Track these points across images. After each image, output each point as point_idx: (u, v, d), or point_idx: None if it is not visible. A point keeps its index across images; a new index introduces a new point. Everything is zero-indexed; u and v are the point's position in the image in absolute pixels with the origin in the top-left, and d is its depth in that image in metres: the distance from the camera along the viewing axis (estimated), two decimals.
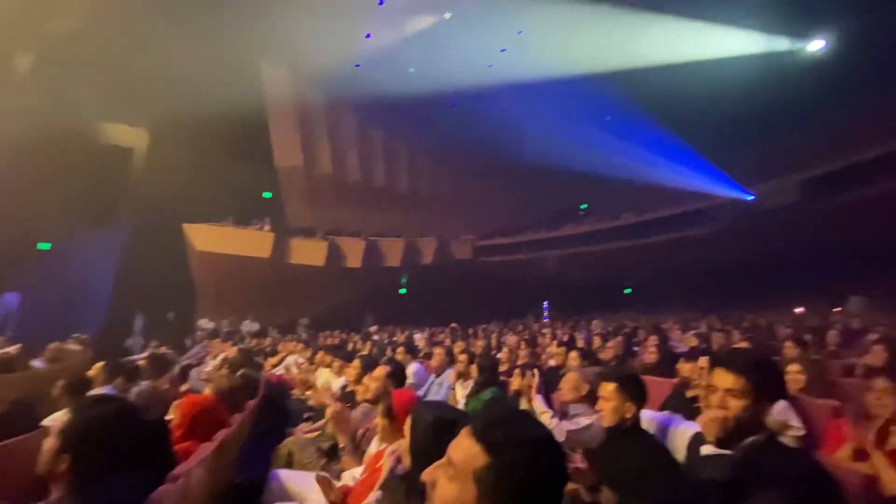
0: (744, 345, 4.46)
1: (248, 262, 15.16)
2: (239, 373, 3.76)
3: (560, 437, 2.09)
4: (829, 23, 13.30)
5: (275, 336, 13.46)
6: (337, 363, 4.81)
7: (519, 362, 4.92)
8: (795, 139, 13.64)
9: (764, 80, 13.95)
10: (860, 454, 1.83)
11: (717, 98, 14.20)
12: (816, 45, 14.00)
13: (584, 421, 2.17)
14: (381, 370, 2.36)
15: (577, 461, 1.63)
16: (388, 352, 5.86)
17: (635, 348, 5.80)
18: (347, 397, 3.60)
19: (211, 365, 7.11)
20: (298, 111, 17.93)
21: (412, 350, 4.74)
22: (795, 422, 2.45)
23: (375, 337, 10.50)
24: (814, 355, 3.86)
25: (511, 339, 7.40)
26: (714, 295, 14.31)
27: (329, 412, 2.45)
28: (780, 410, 2.37)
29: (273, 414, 4.11)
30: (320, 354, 5.62)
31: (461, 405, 3.53)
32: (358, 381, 3.37)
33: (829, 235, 12.07)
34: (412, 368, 4.51)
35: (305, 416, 4.12)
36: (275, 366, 7.47)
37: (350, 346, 8.80)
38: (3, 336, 8.14)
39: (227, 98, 13.66)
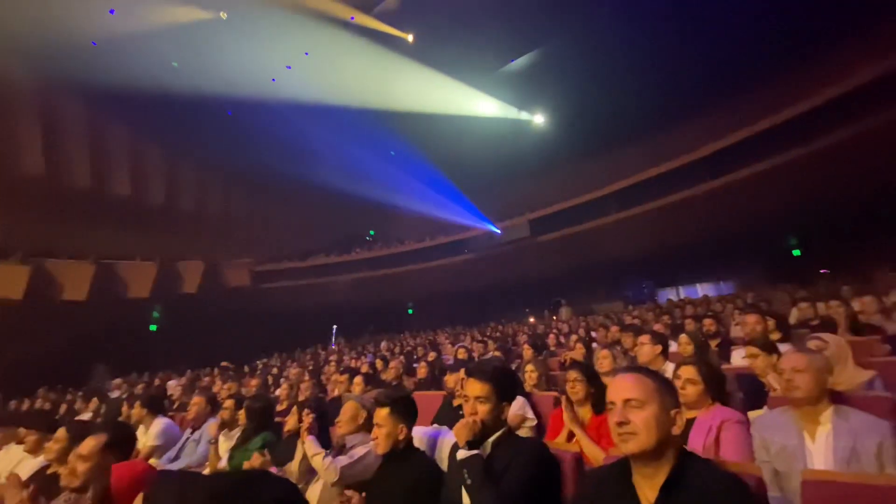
0: (496, 354, 5.28)
1: None
2: None
3: (334, 475, 1.97)
4: (546, 103, 17.87)
5: None
6: (32, 437, 3.44)
7: (301, 397, 4.57)
8: (529, 186, 17.58)
9: (508, 138, 17.76)
10: (573, 435, 2.33)
11: (476, 148, 17.40)
12: (539, 119, 18.56)
13: (359, 452, 2.12)
14: (91, 441, 1.72)
15: (349, 497, 1.55)
16: (125, 409, 4.59)
17: (415, 366, 6.17)
18: (47, 483, 2.59)
19: None
20: None
21: (156, 404, 3.81)
22: (530, 414, 2.99)
23: (116, 392, 8.12)
24: (540, 356, 4.86)
25: (293, 371, 6.85)
26: (475, 310, 16.86)
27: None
28: (519, 406, 2.85)
29: None
30: (21, 430, 3.92)
31: (224, 462, 3.00)
32: (63, 459, 2.46)
33: (551, 261, 15.79)
34: (158, 426, 3.61)
35: None
36: None
37: (62, 410, 6.54)
38: None
39: None
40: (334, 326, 15.84)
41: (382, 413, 1.92)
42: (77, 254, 13.78)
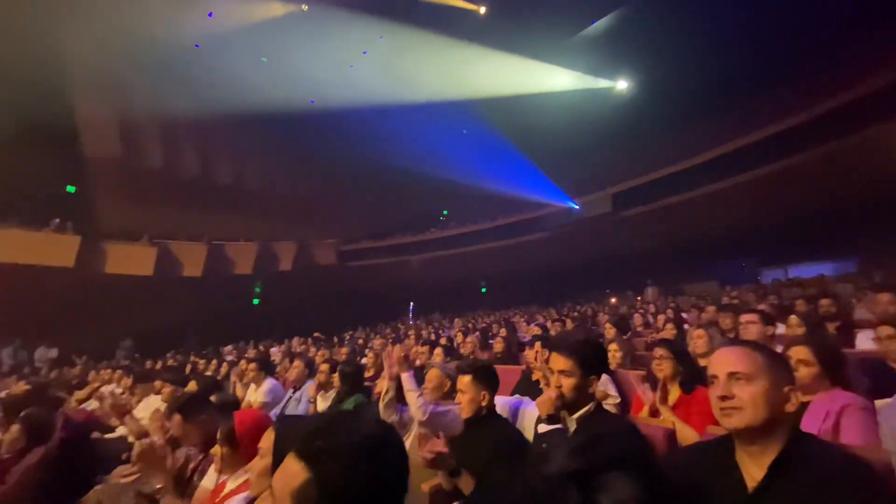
0: (575, 331, 5.16)
1: (41, 273, 11.99)
2: (21, 414, 2.91)
3: (422, 415, 2.09)
4: (630, 67, 16.52)
5: (85, 363, 10.88)
6: (168, 389, 4.09)
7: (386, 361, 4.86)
8: (611, 158, 16.57)
9: (585, 108, 16.74)
10: (656, 413, 2.24)
11: (551, 122, 16.62)
12: (622, 85, 17.24)
13: (446, 406, 2.23)
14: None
15: (439, 445, 1.64)
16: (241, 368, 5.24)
17: (491, 341, 6.26)
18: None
19: None
20: (119, 91, 14.91)
21: (266, 366, 4.29)
22: (613, 391, 2.91)
23: (230, 357, 9.28)
24: (624, 336, 4.67)
25: (377, 342, 7.31)
26: (551, 290, 16.46)
27: (136, 448, 1.99)
28: (602, 382, 2.79)
29: (76, 460, 3.28)
30: (158, 383, 4.69)
31: None
32: None
33: (635, 238, 14.85)
34: (266, 386, 4.08)
35: (125, 456, 3.39)
36: (83, 400, 6.02)
37: (188, 369, 7.61)
38: None
39: (11, 72, 10.73)
40: (411, 304, 16.46)
41: (465, 380, 1.99)
42: (193, 236, 15.72)
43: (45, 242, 12.35)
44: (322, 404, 3.57)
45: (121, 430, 4.11)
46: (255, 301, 17.56)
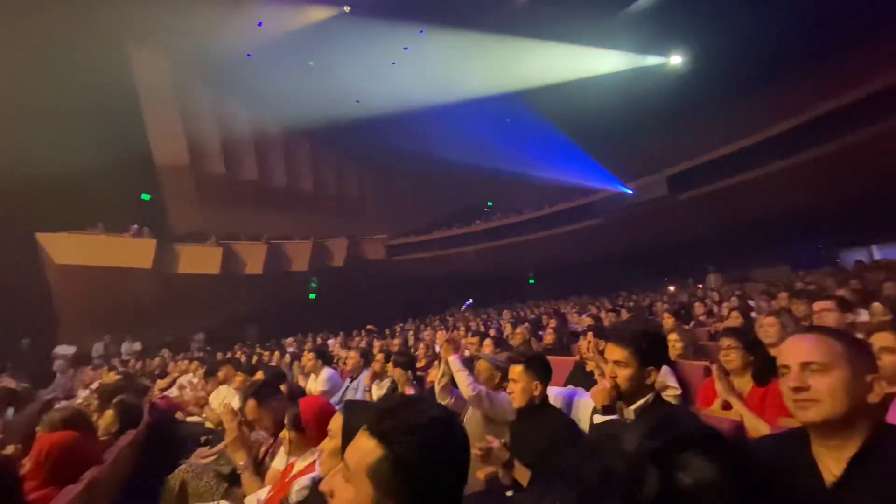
0: (631, 321, 4.97)
1: (125, 275, 13.25)
2: (114, 401, 3.25)
3: (472, 392, 2.11)
4: (684, 41, 15.49)
5: (164, 355, 11.96)
6: (239, 378, 4.41)
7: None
8: (665, 138, 15.68)
9: (635, 88, 15.89)
10: (728, 406, 2.12)
11: (599, 106, 15.95)
12: (675, 60, 16.21)
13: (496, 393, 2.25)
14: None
15: (493, 442, 1.66)
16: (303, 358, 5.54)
17: (541, 332, 6.18)
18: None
19: (82, 396, 6.11)
20: (182, 104, 16.09)
21: (323, 356, 4.50)
22: (672, 382, 2.79)
23: (291, 349, 9.85)
24: (685, 325, 4.44)
25: (427, 334, 7.45)
26: (604, 279, 15.91)
27: (228, 434, 2.22)
28: (661, 374, 2.68)
29: (161, 443, 3.63)
30: (226, 370, 5.09)
31: None
32: None
33: (694, 222, 14.03)
34: (324, 375, 4.30)
35: (203, 439, 3.71)
36: (165, 389, 6.63)
37: (254, 360, 8.14)
38: None
39: (92, 88, 11.85)
40: (469, 300, 16.48)
41: (517, 369, 1.99)
42: (253, 236, 16.70)
43: (126, 246, 13.62)
44: (377, 392, 3.70)
45: (197, 416, 4.50)
46: (312, 296, 18.40)
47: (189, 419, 4.53)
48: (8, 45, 10.97)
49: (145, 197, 15.92)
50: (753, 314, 4.21)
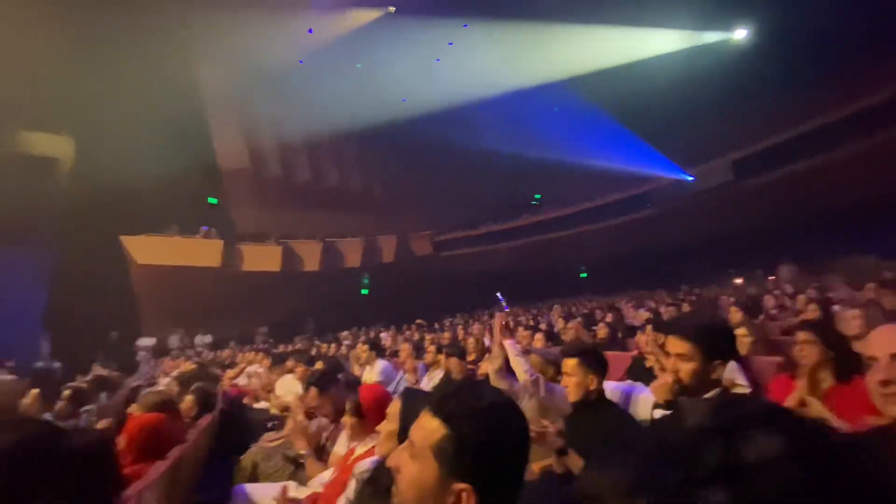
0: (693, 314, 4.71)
1: (196, 273, 14.38)
2: (193, 387, 3.55)
3: (529, 377, 2.09)
4: (748, 14, 14.31)
5: (233, 347, 12.89)
6: (300, 368, 4.67)
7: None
8: (725, 122, 14.60)
9: (695, 69, 14.88)
10: (804, 405, 1.97)
11: (654, 88, 15.07)
12: (740, 35, 15.01)
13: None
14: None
15: (547, 425, 1.65)
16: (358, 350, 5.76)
17: (594, 328, 6.01)
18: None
19: (164, 384, 6.70)
20: (241, 111, 17.13)
21: (377, 348, 4.66)
22: (741, 380, 2.62)
23: (347, 342, 10.27)
24: (755, 319, 4.15)
25: (476, 328, 7.47)
26: (662, 272, 15.11)
27: (289, 424, 2.38)
28: (728, 369, 2.53)
29: (233, 427, 3.92)
30: (292, 360, 5.41)
31: None
32: None
33: (763, 210, 13.01)
34: (379, 366, 4.45)
35: (270, 424, 3.97)
36: (234, 377, 7.15)
37: (313, 352, 8.55)
38: None
39: (163, 100, 12.89)
40: (499, 296, 16.31)
41: (571, 363, 1.95)
42: (310, 235, 17.53)
43: (197, 247, 14.78)
44: (429, 384, 3.78)
45: (263, 403, 4.82)
46: (364, 291, 19.02)
47: (256, 405, 4.86)
48: (93, 65, 12.17)
49: (212, 200, 17.14)
50: (836, 307, 3.86)
